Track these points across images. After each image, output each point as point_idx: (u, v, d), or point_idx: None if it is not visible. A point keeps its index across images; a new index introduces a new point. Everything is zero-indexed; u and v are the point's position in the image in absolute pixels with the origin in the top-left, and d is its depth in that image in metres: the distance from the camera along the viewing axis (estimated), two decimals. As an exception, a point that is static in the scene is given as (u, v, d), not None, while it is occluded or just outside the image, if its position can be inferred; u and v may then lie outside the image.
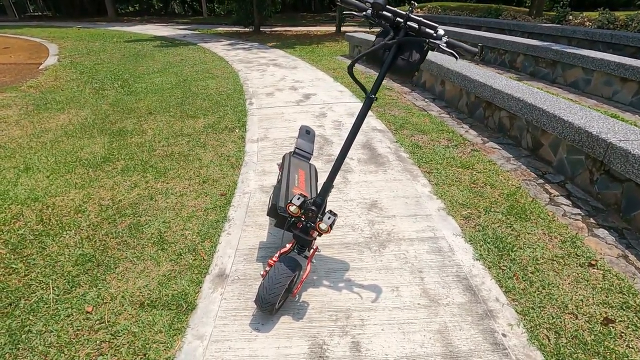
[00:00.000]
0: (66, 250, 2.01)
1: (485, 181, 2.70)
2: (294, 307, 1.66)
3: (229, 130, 3.75)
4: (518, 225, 2.21)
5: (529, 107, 3.04)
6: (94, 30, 13.99)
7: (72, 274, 1.85)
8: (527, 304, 1.67)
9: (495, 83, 3.59)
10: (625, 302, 1.67)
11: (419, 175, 2.81)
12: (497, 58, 6.34)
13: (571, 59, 4.79)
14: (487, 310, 1.63)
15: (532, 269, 1.87)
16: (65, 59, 7.60)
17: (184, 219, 2.29)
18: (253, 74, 6.23)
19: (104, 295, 1.73)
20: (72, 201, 2.47)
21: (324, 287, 1.76)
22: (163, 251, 2.02)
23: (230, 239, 2.12)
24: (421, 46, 1.36)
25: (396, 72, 1.43)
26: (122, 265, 1.92)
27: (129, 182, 2.71)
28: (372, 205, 2.43)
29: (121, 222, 2.25)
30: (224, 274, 1.86)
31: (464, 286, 1.77)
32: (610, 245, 2.06)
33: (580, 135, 2.52)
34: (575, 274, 1.84)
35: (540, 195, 2.55)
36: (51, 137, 3.53)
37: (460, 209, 2.39)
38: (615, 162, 2.24)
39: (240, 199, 2.51)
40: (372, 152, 3.21)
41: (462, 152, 3.19)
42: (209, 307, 1.67)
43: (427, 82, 5.07)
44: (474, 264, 1.92)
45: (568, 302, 1.67)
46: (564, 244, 2.06)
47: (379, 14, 1.36)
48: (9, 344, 1.48)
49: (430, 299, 1.69)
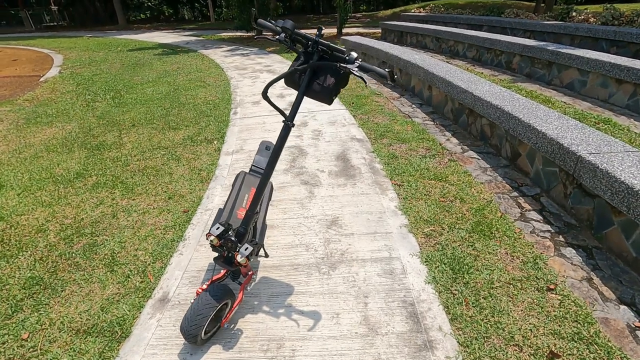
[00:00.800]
0: (17, 272, 2.03)
1: (455, 195, 2.60)
2: (228, 335, 1.62)
3: (207, 142, 3.74)
4: (480, 244, 2.11)
5: (506, 115, 2.91)
6: (102, 39, 14.33)
7: (17, 298, 1.85)
8: (471, 334, 1.58)
9: (477, 89, 3.46)
10: (577, 332, 1.56)
11: (389, 189, 2.73)
12: (493, 59, 6.15)
13: (566, 60, 4.59)
14: (427, 341, 1.55)
15: (485, 294, 1.78)
16: (67, 70, 7.79)
17: (140, 238, 2.28)
18: (245, 82, 6.23)
19: (43, 321, 1.73)
20: (36, 220, 2.50)
21: (262, 314, 1.72)
22: (112, 273, 2.01)
23: (181, 259, 2.10)
24: (335, 70, 1.30)
25: (313, 96, 1.37)
26: (68, 289, 1.92)
27: (96, 199, 2.73)
28: (333, 223, 2.37)
29: (78, 242, 2.26)
30: (166, 298, 1.84)
31: (409, 313, 1.69)
32: (576, 267, 1.94)
33: (552, 147, 2.39)
34: (530, 300, 1.74)
35: (511, 210, 2.43)
36: (32, 152, 3.60)
37: (424, 225, 2.30)
38: (584, 176, 2.12)
39: (200, 217, 2.49)
40: (346, 164, 3.14)
41: (439, 163, 3.08)
42: (142, 335, 1.64)
43: (416, 87, 4.96)
44: (425, 287, 1.83)
45: (515, 333, 1.57)
46: (524, 265, 1.95)
47: (291, 38, 1.31)
48: (-62, 373, 1.50)
49: (370, 328, 1.62)
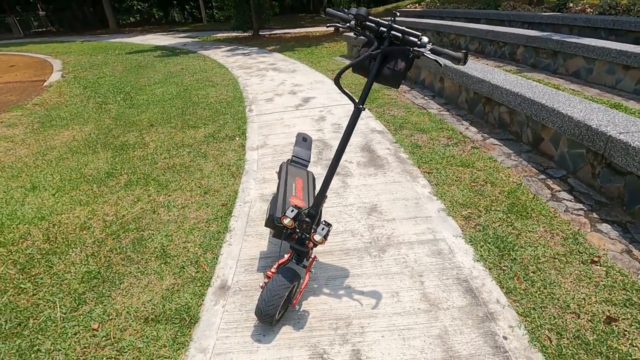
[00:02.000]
0: (72, 268, 2.06)
1: (485, 179, 2.69)
2: (295, 316, 1.67)
3: (229, 138, 3.78)
4: (519, 224, 2.20)
5: (528, 101, 3.01)
6: (96, 43, 14.20)
7: (79, 292, 1.89)
8: (528, 305, 1.66)
9: (494, 78, 3.56)
10: (628, 299, 1.65)
11: (419, 176, 2.80)
12: (497, 51, 6.27)
13: (572, 49, 4.71)
14: (487, 313, 1.63)
15: (533, 269, 1.86)
16: (69, 75, 7.74)
17: (186, 232, 2.32)
18: (252, 80, 6.27)
19: (109, 312, 1.77)
20: (78, 218, 2.52)
21: (324, 295, 1.78)
22: (166, 265, 2.05)
23: (231, 249, 2.15)
24: (406, 55, 1.37)
25: (383, 81, 1.44)
26: (126, 281, 1.96)
27: (132, 196, 2.76)
28: (372, 209, 2.43)
29: (125, 238, 2.30)
30: (225, 285, 1.89)
31: (464, 289, 1.76)
32: (614, 240, 2.04)
33: (580, 129, 2.49)
34: (577, 272, 1.83)
35: (542, 192, 2.52)
36: (56, 154, 3.60)
37: (461, 209, 2.38)
38: (615, 155, 2.21)
39: (240, 209, 2.54)
40: (372, 155, 3.21)
41: (462, 150, 3.17)
42: (211, 320, 1.69)
43: (426, 80, 5.04)
44: (475, 265, 1.91)
45: (570, 302, 1.66)
46: (565, 241, 2.04)
47: (362, 25, 1.37)
48: (19, 364, 1.53)
49: (431, 304, 1.69)
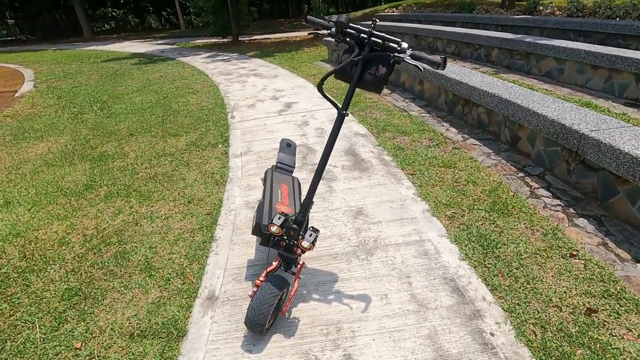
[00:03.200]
0: (51, 285, 1.99)
1: (467, 179, 2.75)
2: (285, 324, 1.66)
3: (212, 146, 3.74)
4: (501, 221, 2.26)
5: (505, 102, 3.10)
6: (70, 51, 13.81)
7: (59, 310, 1.82)
8: (513, 301, 1.70)
9: (471, 80, 3.66)
10: (606, 290, 1.72)
11: (403, 178, 2.84)
12: (472, 53, 6.45)
13: (543, 50, 4.90)
14: (474, 311, 1.66)
15: (516, 265, 1.91)
16: (42, 84, 7.49)
17: (170, 243, 2.28)
18: (234, 86, 6.23)
19: (92, 329, 1.71)
20: (56, 233, 2.44)
21: (313, 301, 1.77)
22: (151, 278, 2.00)
23: (218, 259, 2.12)
24: (387, 60, 1.39)
25: (365, 87, 1.46)
26: (109, 296, 1.90)
27: (113, 208, 2.69)
28: (358, 213, 2.45)
29: (107, 252, 2.23)
30: (213, 296, 1.86)
31: (451, 288, 1.79)
32: (590, 234, 2.12)
33: (554, 128, 2.58)
34: (558, 266, 1.89)
35: (521, 189, 2.60)
36: (30, 167, 3.47)
37: (445, 209, 2.42)
38: (588, 152, 2.31)
39: (226, 217, 2.51)
40: (356, 158, 3.24)
41: (444, 151, 3.24)
42: (200, 332, 1.66)
43: (406, 83, 5.13)
44: (460, 264, 1.95)
45: (552, 295, 1.71)
46: (545, 237, 2.10)
47: (343, 32, 1.39)
48: (-4, 389, 1.46)
49: (419, 304, 1.71)
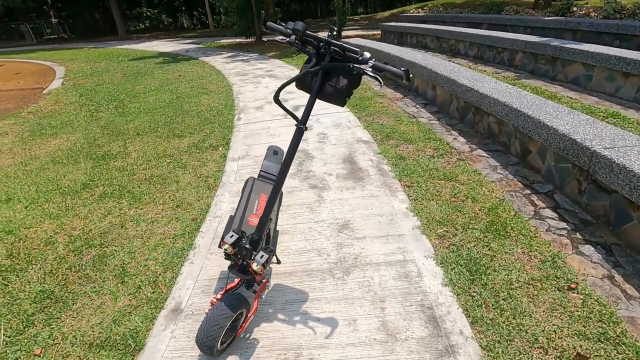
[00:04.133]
0: (27, 286, 2.01)
1: (467, 194, 2.56)
2: (244, 345, 1.58)
3: (212, 148, 3.72)
4: (495, 244, 2.07)
5: (515, 112, 2.87)
6: (102, 50, 14.42)
7: (28, 313, 1.83)
8: (493, 337, 1.54)
9: (482, 87, 3.43)
10: (603, 332, 1.52)
11: (398, 190, 2.69)
12: (495, 56, 6.12)
13: (570, 55, 4.55)
14: (448, 346, 1.51)
15: (504, 295, 1.74)
16: (69, 82, 7.83)
17: (150, 248, 2.25)
18: (247, 87, 6.23)
19: (55, 335, 1.70)
20: (45, 232, 2.48)
21: (277, 322, 1.68)
22: (123, 284, 1.98)
23: (192, 268, 2.07)
24: (348, 71, 1.27)
25: (326, 99, 1.35)
26: (79, 301, 1.89)
27: (104, 209, 2.71)
28: (344, 226, 2.33)
29: (87, 254, 2.24)
30: (178, 308, 1.81)
31: (427, 317, 1.65)
32: (596, 264, 1.90)
33: (565, 143, 2.35)
34: (551, 300, 1.69)
35: (525, 208, 2.39)
36: (38, 164, 3.59)
37: (436, 226, 2.26)
38: (600, 171, 2.07)
39: (209, 224, 2.46)
40: (353, 166, 3.11)
41: (447, 162, 3.05)
42: (156, 347, 1.61)
43: (420, 87, 4.93)
44: (442, 290, 1.79)
45: (539, 334, 1.53)
46: (543, 265, 1.90)
47: (302, 40, 1.29)
48: (-49, 392, 1.47)
49: (388, 333, 1.58)
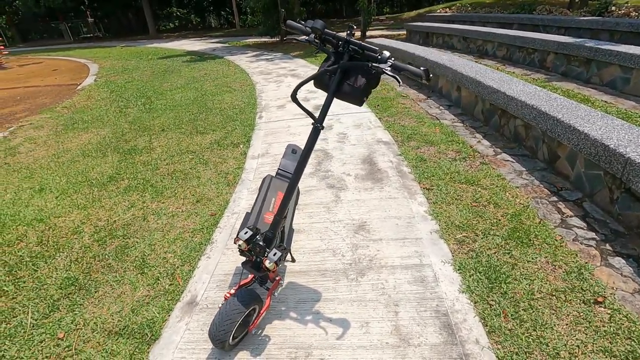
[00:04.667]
0: (54, 273, 2.10)
1: (489, 199, 2.48)
2: (255, 341, 1.59)
3: (233, 145, 3.78)
4: (517, 252, 1.99)
5: (543, 115, 2.76)
6: (134, 48, 14.96)
7: (54, 298, 1.92)
8: (511, 349, 1.48)
9: (510, 89, 3.31)
10: (632, 351, 1.43)
11: (417, 193, 2.64)
12: (525, 58, 5.90)
13: (607, 56, 4.32)
14: (462, 354, 1.46)
15: (525, 306, 1.67)
16: (101, 79, 8.16)
17: (169, 241, 2.31)
18: (270, 86, 6.29)
19: (78, 321, 1.77)
20: (72, 222, 2.59)
21: (290, 320, 1.69)
22: (142, 275, 2.05)
23: (208, 263, 2.11)
24: (366, 70, 1.26)
25: (343, 98, 1.34)
26: (101, 290, 1.97)
27: (128, 202, 2.81)
28: (360, 227, 2.31)
29: (110, 244, 2.33)
30: (194, 301, 1.85)
31: (442, 324, 1.61)
32: (627, 278, 1.79)
33: (596, 149, 2.23)
34: (575, 313, 1.61)
35: (551, 216, 2.29)
36: (69, 157, 3.76)
37: (456, 231, 2.20)
38: (634, 180, 1.96)
39: (227, 220, 2.50)
40: (372, 167, 3.08)
41: (470, 166, 2.96)
42: (171, 338, 1.65)
43: (444, 88, 4.82)
44: (459, 297, 1.74)
45: (561, 349, 1.46)
46: (568, 276, 1.81)
47: (321, 38, 1.28)
48: (-19, 369, 1.56)
49: (401, 338, 1.55)
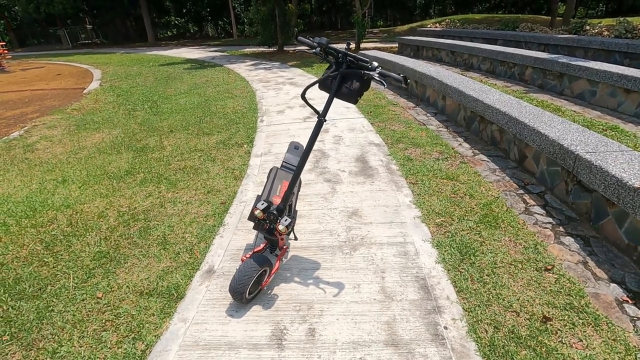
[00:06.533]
0: (87, 248, 2.41)
1: (465, 192, 2.86)
2: (266, 298, 1.92)
3: (238, 145, 4.12)
4: (486, 233, 2.36)
5: (514, 121, 3.16)
6: (134, 55, 15.30)
7: (90, 267, 2.22)
8: (474, 302, 1.83)
9: (487, 98, 3.73)
10: (569, 303, 1.79)
11: (404, 186, 3.01)
12: (507, 71, 6.39)
13: (576, 71, 4.80)
14: (435, 307, 1.81)
15: (488, 272, 2.03)
16: (106, 84, 8.48)
17: (186, 224, 2.64)
18: (269, 93, 6.68)
19: (112, 285, 2.08)
20: (97, 208, 2.90)
21: (294, 283, 2.02)
22: (165, 250, 2.36)
23: (222, 240, 2.44)
24: (360, 76, 1.63)
25: (342, 97, 1.71)
26: (130, 261, 2.27)
27: (145, 192, 3.12)
28: (353, 213, 2.66)
29: (134, 226, 2.64)
30: (212, 270, 2.17)
31: (420, 285, 1.95)
32: (573, 252, 2.16)
33: (554, 148, 2.63)
34: (529, 277, 1.97)
35: (517, 205, 2.67)
36: (86, 153, 4.07)
37: (435, 217, 2.56)
38: (582, 173, 2.35)
39: (236, 207, 2.83)
40: (364, 165, 3.45)
41: (451, 165, 3.35)
42: (195, 297, 1.97)
43: (431, 97, 5.25)
44: (435, 266, 2.10)
45: (514, 302, 1.81)
46: (526, 250, 2.18)
47: (325, 51, 1.66)
48: (35, 319, 1.86)
49: (386, 296, 1.89)
